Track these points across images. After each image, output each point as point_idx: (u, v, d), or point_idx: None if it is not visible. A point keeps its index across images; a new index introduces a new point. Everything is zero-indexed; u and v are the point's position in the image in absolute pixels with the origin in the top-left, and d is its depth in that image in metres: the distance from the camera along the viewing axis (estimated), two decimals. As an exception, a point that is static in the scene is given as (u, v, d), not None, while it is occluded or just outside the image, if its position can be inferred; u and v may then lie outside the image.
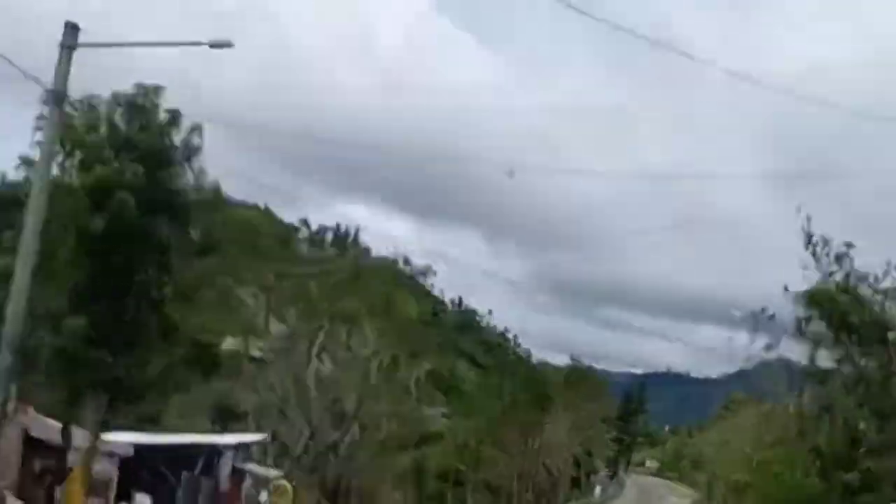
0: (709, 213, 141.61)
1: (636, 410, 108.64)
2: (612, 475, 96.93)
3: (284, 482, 32.57)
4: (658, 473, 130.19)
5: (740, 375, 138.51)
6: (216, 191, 23.73)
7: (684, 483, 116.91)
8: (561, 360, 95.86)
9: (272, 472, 34.27)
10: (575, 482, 76.92)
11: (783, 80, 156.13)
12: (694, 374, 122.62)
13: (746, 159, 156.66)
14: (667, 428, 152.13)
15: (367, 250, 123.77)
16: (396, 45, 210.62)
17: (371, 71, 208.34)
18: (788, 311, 25.38)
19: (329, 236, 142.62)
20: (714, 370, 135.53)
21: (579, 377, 74.76)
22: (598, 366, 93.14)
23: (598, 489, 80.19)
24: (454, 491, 59.63)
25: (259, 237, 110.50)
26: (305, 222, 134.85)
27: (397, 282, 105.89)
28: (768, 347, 27.42)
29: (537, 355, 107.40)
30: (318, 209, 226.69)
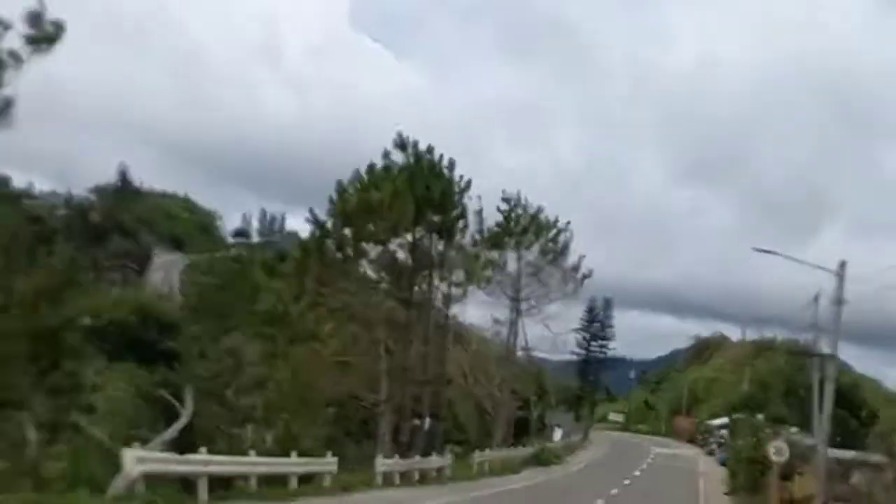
0: (622, 202, 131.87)
1: (600, 335, 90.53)
2: (577, 419, 78.42)
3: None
4: (625, 429, 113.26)
5: (673, 355, 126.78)
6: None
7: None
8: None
9: None
10: (521, 425, 57.79)
11: (682, 70, 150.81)
12: (629, 358, 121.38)
13: (653, 149, 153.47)
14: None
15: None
16: (310, 55, 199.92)
17: (284, 82, 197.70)
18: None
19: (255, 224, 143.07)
20: (648, 352, 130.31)
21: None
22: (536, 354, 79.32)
23: (558, 433, 61.68)
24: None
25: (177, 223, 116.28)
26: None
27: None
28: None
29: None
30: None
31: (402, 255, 35.60)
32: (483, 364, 56.09)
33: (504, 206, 48.24)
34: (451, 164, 37.05)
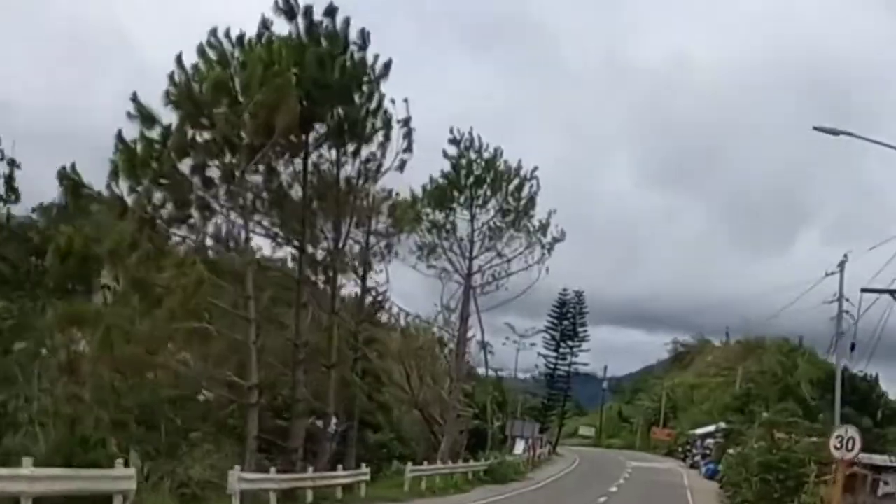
0: (591, 211, 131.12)
1: (572, 332, 79.83)
2: (543, 429, 68.66)
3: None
4: (596, 444, 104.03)
5: (645, 371, 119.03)
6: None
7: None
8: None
9: None
10: (478, 437, 47.90)
11: (650, 69, 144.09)
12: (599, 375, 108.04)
13: (622, 152, 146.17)
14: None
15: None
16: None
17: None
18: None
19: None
20: (618, 369, 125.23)
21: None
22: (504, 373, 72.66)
23: (520, 445, 52.09)
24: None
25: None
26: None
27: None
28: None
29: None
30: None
31: (286, 174, 25.38)
32: (430, 361, 46.40)
33: (452, 151, 38.51)
34: (364, 39, 25.02)
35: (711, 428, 71.77)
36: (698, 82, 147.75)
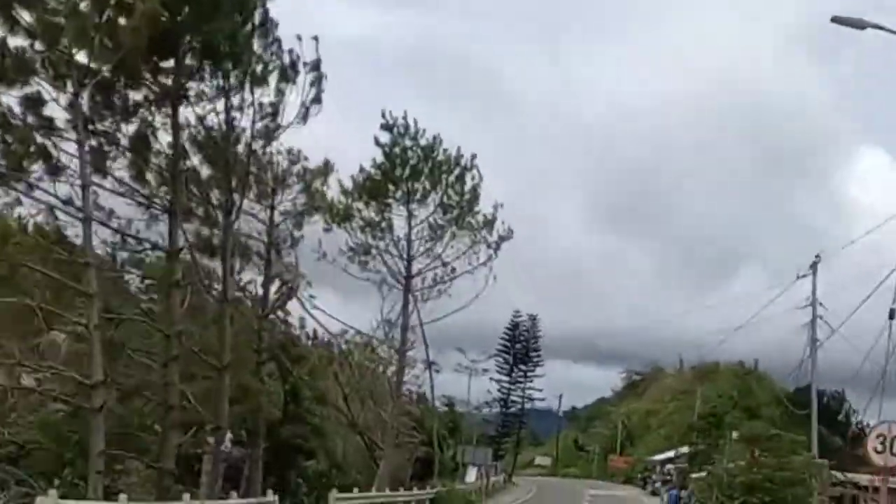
0: (543, 251, 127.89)
1: (525, 357, 76.05)
2: (498, 457, 64.92)
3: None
4: (552, 474, 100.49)
5: (601, 401, 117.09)
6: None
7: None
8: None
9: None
10: (427, 465, 44.12)
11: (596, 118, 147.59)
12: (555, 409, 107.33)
13: (573, 196, 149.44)
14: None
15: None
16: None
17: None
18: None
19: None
20: (575, 401, 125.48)
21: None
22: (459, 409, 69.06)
23: (472, 473, 48.38)
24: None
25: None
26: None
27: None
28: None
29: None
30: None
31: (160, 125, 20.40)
32: (370, 380, 42.57)
33: (385, 139, 34.41)
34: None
35: (671, 453, 68.62)
36: (639, 130, 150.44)
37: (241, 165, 21.14)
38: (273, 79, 20.42)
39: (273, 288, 30.22)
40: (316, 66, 20.97)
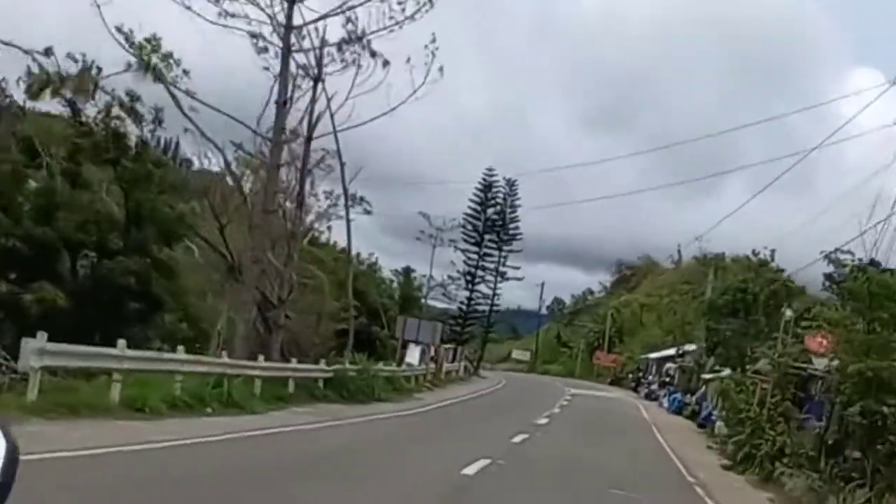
0: (524, 151, 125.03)
1: (500, 225, 61.84)
2: (456, 346, 52.59)
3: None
4: (531, 370, 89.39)
5: (590, 294, 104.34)
6: None
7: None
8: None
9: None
10: (365, 341, 31.66)
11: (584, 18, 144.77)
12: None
13: (560, 98, 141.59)
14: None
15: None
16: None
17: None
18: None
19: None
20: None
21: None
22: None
23: (414, 352, 36.26)
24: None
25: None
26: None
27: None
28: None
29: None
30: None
31: None
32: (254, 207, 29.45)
33: None
34: None
35: (671, 350, 56.69)
36: (629, 32, 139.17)
37: None
38: None
39: None
40: None
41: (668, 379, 52.36)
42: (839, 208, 29.22)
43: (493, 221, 61.26)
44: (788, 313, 25.97)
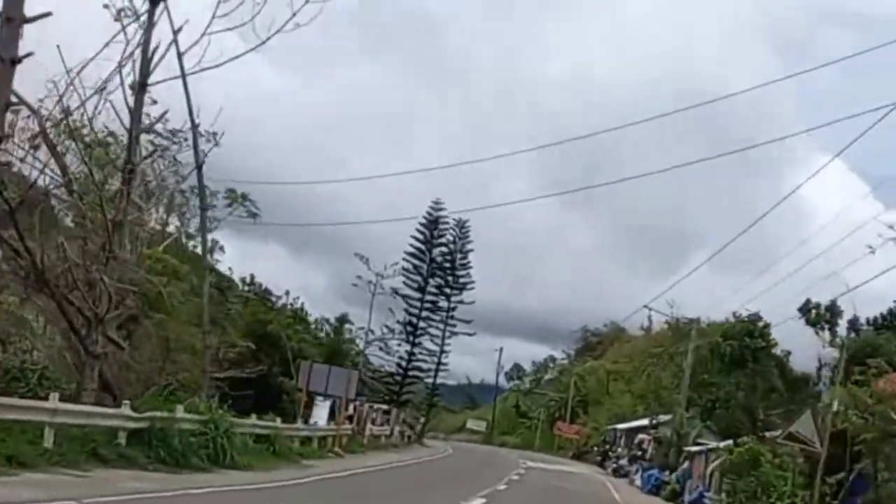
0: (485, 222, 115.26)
1: (449, 267, 52.25)
2: (391, 408, 44.17)
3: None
4: (487, 441, 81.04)
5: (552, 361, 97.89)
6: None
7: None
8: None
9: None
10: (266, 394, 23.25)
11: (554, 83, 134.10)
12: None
13: (530, 167, 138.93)
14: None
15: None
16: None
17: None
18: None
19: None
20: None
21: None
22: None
23: (322, 410, 28.31)
24: None
25: None
26: None
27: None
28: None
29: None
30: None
31: None
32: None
33: None
34: None
35: (644, 421, 48.76)
36: (598, 100, 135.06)
37: None
38: None
39: None
40: None
41: (640, 452, 44.41)
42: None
43: (438, 264, 52.80)
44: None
